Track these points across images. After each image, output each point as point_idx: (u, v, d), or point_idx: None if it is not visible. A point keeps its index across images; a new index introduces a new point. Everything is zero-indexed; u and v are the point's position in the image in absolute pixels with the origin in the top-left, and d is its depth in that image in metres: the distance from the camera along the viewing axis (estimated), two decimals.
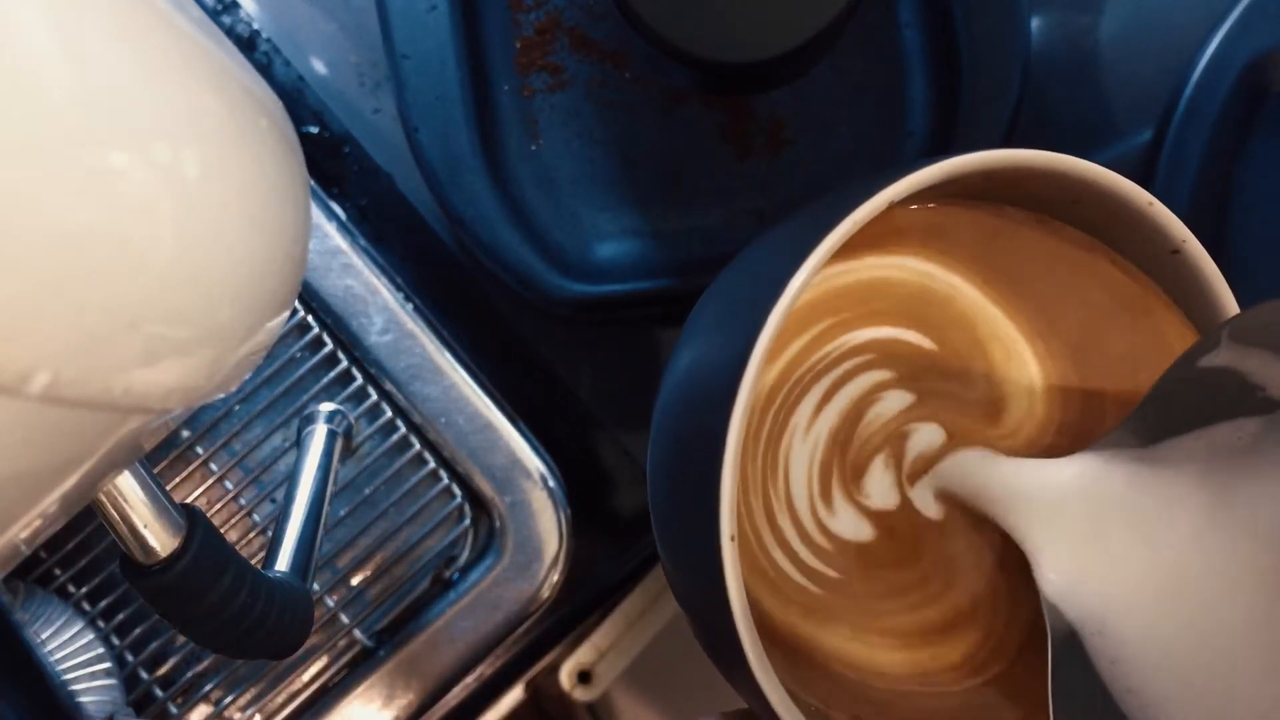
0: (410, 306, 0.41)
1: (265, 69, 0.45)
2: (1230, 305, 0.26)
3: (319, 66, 0.46)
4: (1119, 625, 0.24)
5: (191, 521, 0.27)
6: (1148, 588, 0.24)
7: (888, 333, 0.27)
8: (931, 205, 0.27)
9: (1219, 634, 0.23)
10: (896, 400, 0.27)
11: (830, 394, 0.27)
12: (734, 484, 0.22)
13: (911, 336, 0.27)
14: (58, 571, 0.40)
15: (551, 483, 0.41)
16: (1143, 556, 0.24)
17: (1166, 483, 0.24)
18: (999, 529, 0.25)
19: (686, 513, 0.24)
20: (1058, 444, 0.27)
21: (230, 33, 0.45)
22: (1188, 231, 0.25)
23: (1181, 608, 0.24)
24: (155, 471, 0.26)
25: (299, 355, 0.41)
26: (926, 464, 0.27)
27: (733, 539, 0.22)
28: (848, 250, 0.26)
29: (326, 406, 0.41)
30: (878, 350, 0.27)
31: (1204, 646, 0.23)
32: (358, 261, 0.41)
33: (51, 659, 0.38)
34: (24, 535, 0.22)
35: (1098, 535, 0.24)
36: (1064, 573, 0.24)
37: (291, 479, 0.37)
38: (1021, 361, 0.27)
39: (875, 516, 0.27)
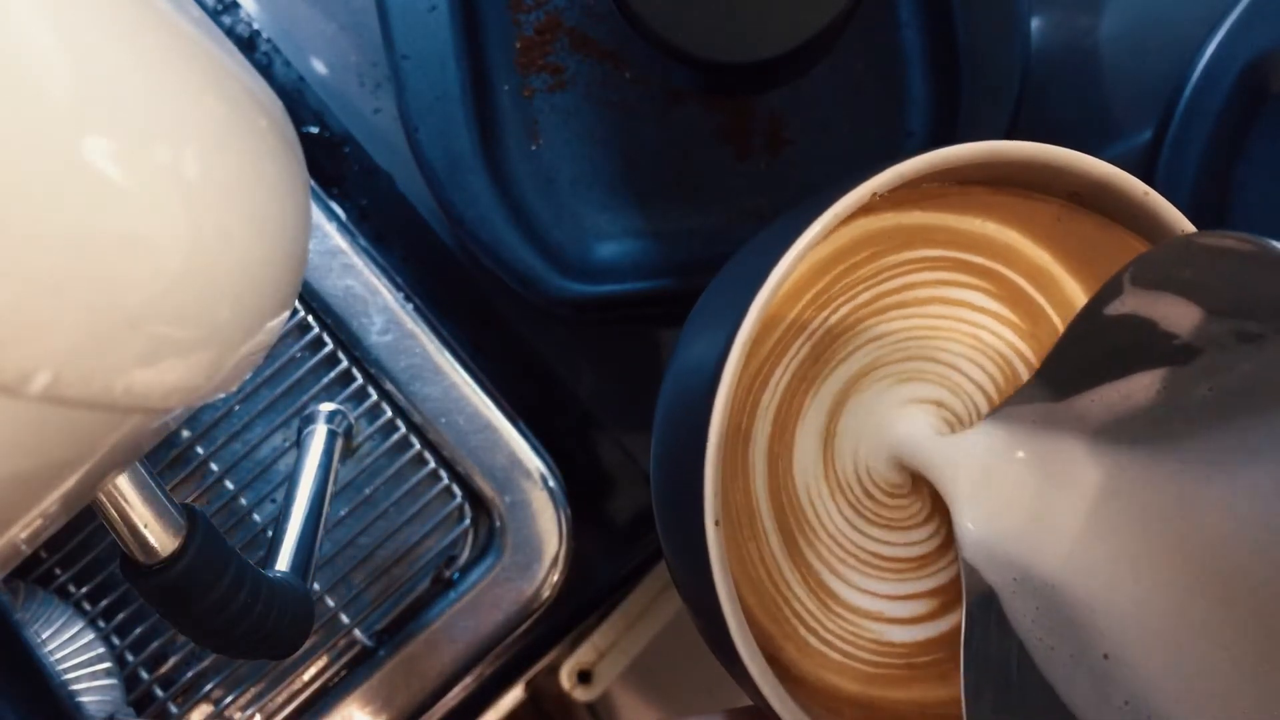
0: (410, 306, 0.41)
1: (265, 69, 0.45)
2: None
3: (319, 66, 0.45)
4: (1037, 577, 0.23)
5: (191, 521, 0.27)
6: (1060, 545, 0.24)
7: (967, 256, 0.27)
8: (979, 185, 0.26)
9: (1128, 590, 0.23)
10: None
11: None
12: (716, 473, 0.23)
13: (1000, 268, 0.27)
14: (58, 571, 0.40)
15: (551, 483, 0.41)
16: (1052, 517, 0.24)
17: (1069, 441, 0.24)
18: None
19: (680, 503, 0.25)
20: None
21: (230, 33, 0.45)
22: (1186, 221, 0.25)
23: (1090, 562, 0.23)
24: (155, 471, 0.26)
25: (299, 355, 0.41)
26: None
27: (717, 524, 0.23)
28: (906, 201, 0.26)
29: (326, 406, 0.41)
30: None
31: (1116, 602, 0.23)
32: (358, 261, 0.41)
33: (51, 659, 0.38)
34: (24, 535, 0.22)
35: (1008, 497, 0.24)
36: (979, 533, 0.24)
37: (291, 479, 0.37)
38: None
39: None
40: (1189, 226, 0.25)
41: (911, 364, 0.26)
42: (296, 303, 0.41)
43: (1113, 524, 0.23)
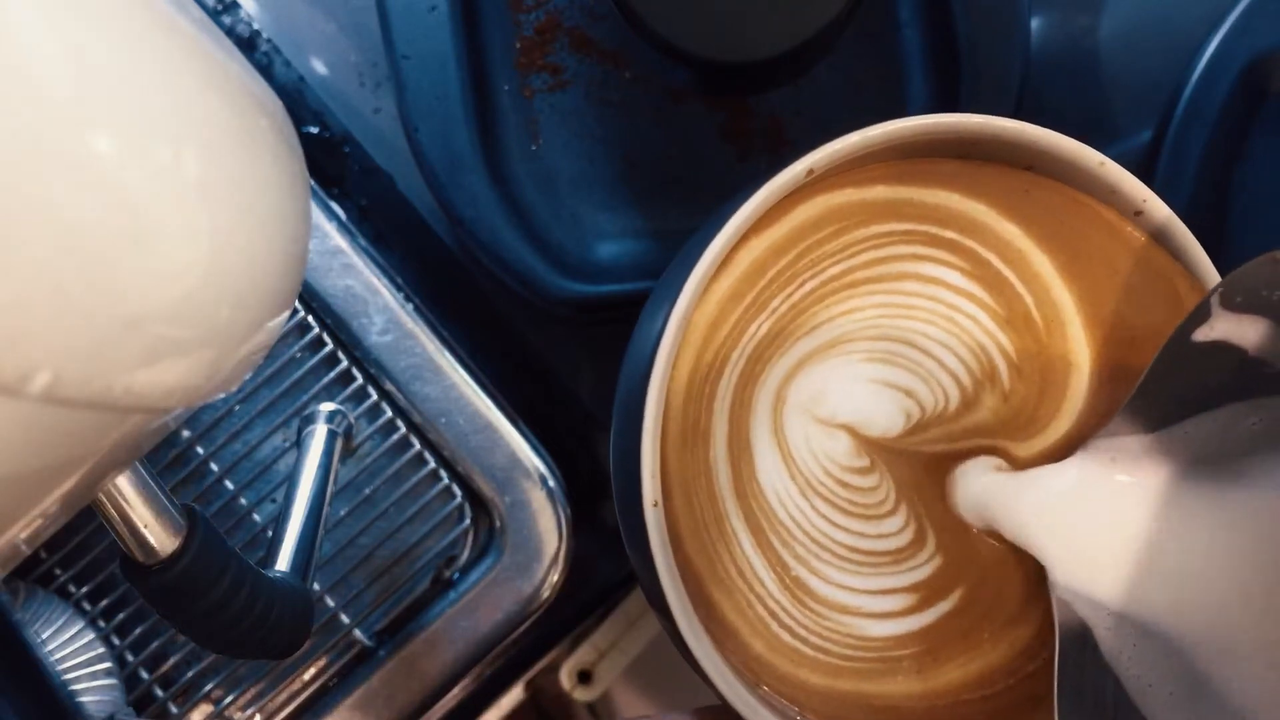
0: (410, 306, 0.41)
1: (265, 69, 0.45)
2: (1203, 264, 0.25)
3: (319, 66, 0.45)
4: (1137, 614, 0.23)
5: (191, 521, 0.27)
6: (1158, 581, 0.23)
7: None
8: (943, 159, 0.26)
9: (1228, 628, 0.22)
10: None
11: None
12: (654, 452, 0.23)
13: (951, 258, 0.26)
14: (58, 571, 0.40)
15: (551, 483, 0.41)
16: (1150, 554, 0.23)
17: (1169, 474, 0.23)
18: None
19: (628, 490, 0.24)
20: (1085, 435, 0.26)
21: (230, 33, 0.45)
22: (1148, 190, 0.24)
23: (1191, 601, 0.23)
24: (155, 471, 0.26)
25: (299, 355, 0.41)
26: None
27: (655, 505, 0.23)
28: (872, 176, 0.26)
29: (326, 406, 0.41)
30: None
31: (1216, 642, 0.22)
32: (358, 261, 0.41)
33: (51, 659, 0.38)
34: (25, 535, 0.22)
35: (1104, 537, 0.23)
36: (1074, 573, 0.23)
37: (291, 479, 0.37)
38: (1078, 342, 0.26)
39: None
40: (1151, 196, 0.24)
41: (885, 344, 0.26)
42: (296, 303, 0.41)
43: (1226, 560, 0.23)
